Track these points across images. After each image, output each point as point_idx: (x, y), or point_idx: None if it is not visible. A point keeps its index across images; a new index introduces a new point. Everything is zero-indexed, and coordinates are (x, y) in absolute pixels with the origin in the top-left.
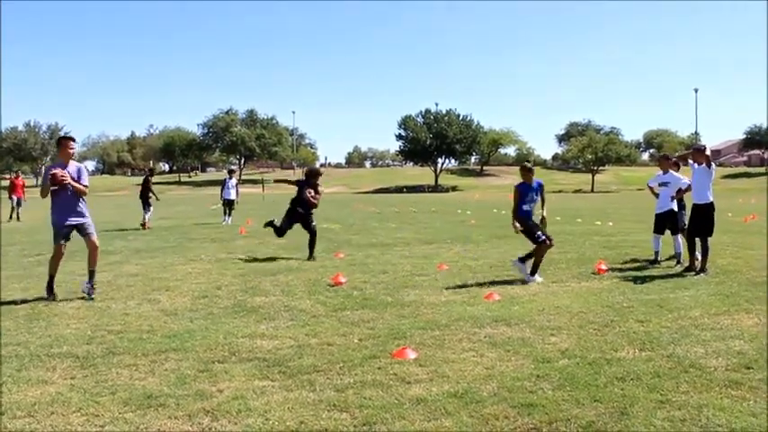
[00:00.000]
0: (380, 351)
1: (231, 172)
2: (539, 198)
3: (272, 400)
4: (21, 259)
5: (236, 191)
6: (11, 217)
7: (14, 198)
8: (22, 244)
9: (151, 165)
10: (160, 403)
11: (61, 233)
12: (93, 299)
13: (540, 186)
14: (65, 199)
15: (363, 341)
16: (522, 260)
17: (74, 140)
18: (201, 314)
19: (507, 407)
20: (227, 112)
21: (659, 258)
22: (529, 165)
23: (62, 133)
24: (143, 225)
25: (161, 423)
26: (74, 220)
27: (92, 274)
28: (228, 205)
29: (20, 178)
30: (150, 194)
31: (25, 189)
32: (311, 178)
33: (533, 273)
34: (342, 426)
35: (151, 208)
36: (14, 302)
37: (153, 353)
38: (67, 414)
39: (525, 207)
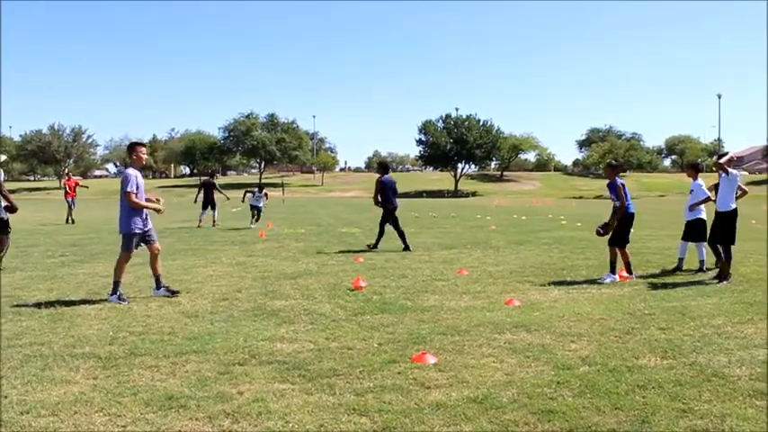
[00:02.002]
0: (400, 356)
1: (261, 188)
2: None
3: (291, 404)
4: (44, 260)
5: (264, 198)
6: (68, 219)
7: (69, 200)
8: (45, 245)
9: (213, 168)
10: (181, 404)
11: (134, 240)
12: (177, 293)
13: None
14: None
15: (383, 345)
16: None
17: (144, 146)
18: (222, 317)
19: (527, 413)
20: (247, 116)
21: (682, 266)
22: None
23: (85, 136)
24: (214, 224)
25: (182, 424)
26: (146, 228)
27: (158, 278)
28: (257, 211)
29: (71, 179)
30: (216, 194)
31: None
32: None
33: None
34: (361, 430)
35: (217, 208)
36: (38, 303)
37: (174, 354)
38: (90, 414)
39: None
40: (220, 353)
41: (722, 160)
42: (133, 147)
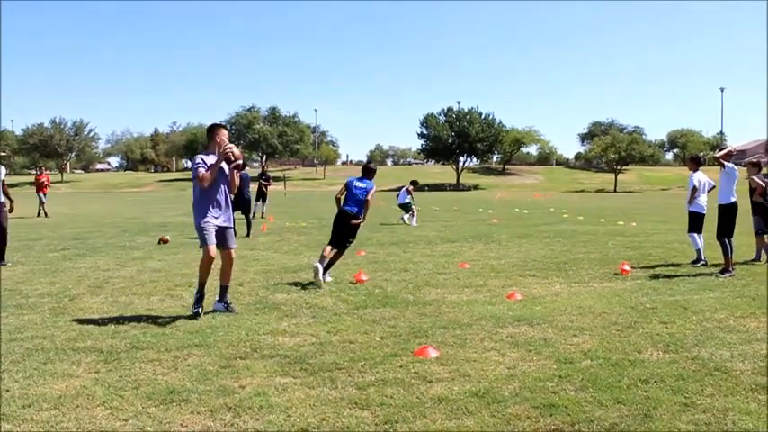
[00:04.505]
0: (402, 349)
1: (414, 184)
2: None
3: (293, 397)
4: (46, 254)
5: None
6: (39, 213)
7: (40, 194)
8: (48, 239)
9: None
10: (183, 398)
11: (212, 233)
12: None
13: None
14: (216, 194)
15: (385, 339)
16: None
17: (228, 129)
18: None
19: (529, 407)
20: (249, 110)
21: (703, 257)
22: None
23: (87, 130)
24: (262, 216)
25: (184, 418)
26: (224, 223)
27: (224, 290)
28: (405, 209)
29: (44, 174)
30: (265, 190)
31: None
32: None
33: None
34: (363, 423)
35: (267, 203)
36: (40, 297)
37: (176, 348)
38: (92, 407)
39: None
40: (222, 346)
41: (719, 154)
42: (216, 129)
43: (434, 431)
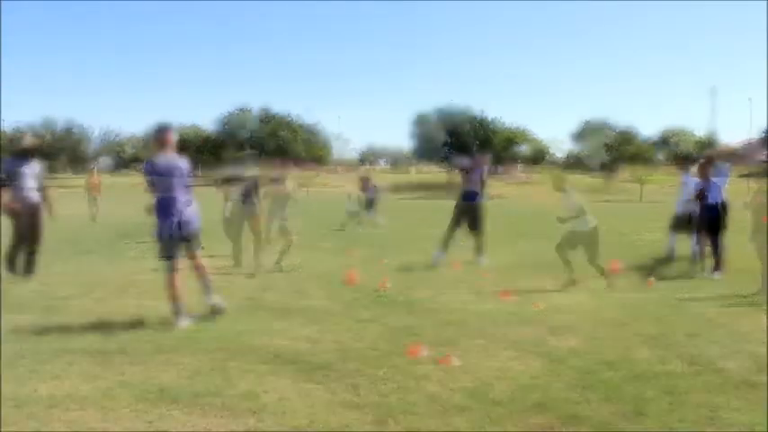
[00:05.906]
0: (395, 349)
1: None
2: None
3: (285, 397)
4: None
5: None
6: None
7: None
8: None
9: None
10: (174, 399)
11: (172, 243)
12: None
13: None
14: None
15: (377, 339)
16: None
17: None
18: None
19: (521, 406)
20: (241, 110)
21: (674, 256)
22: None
23: (79, 130)
24: None
25: (175, 418)
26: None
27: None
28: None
29: None
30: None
31: None
32: None
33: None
34: (355, 423)
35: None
36: (31, 298)
37: (168, 349)
38: (84, 408)
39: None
40: (214, 347)
41: (703, 162)
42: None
43: (427, 430)
